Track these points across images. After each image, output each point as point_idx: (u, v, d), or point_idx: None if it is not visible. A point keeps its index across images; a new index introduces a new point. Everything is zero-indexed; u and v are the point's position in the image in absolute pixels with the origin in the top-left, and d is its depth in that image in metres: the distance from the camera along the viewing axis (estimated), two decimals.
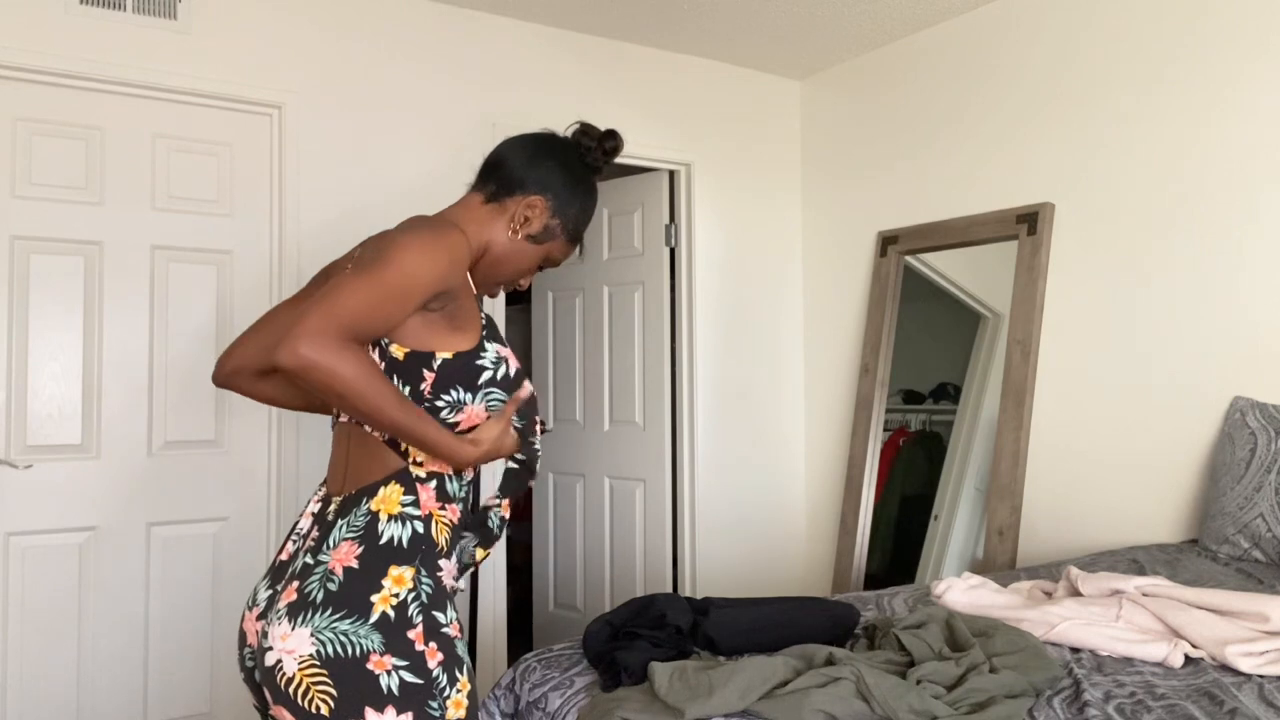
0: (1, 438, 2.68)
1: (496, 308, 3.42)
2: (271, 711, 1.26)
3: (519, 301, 5.25)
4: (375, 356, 1.33)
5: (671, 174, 3.93)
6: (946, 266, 3.52)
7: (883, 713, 1.35)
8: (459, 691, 1.26)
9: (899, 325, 3.68)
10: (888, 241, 3.71)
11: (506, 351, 1.40)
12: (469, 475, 1.39)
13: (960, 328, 3.45)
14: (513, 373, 1.39)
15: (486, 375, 1.35)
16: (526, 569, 4.76)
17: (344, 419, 1.42)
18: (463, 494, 1.37)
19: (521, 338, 5.28)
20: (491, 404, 1.36)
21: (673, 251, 3.92)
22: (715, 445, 3.90)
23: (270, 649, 1.24)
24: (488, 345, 1.36)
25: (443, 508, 1.33)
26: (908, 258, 3.65)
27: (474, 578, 3.13)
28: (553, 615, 4.30)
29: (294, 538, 1.40)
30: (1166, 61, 2.84)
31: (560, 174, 1.47)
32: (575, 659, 1.71)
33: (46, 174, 2.75)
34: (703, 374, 3.88)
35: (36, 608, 2.71)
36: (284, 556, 1.39)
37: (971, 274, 3.42)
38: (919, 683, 1.42)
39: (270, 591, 1.34)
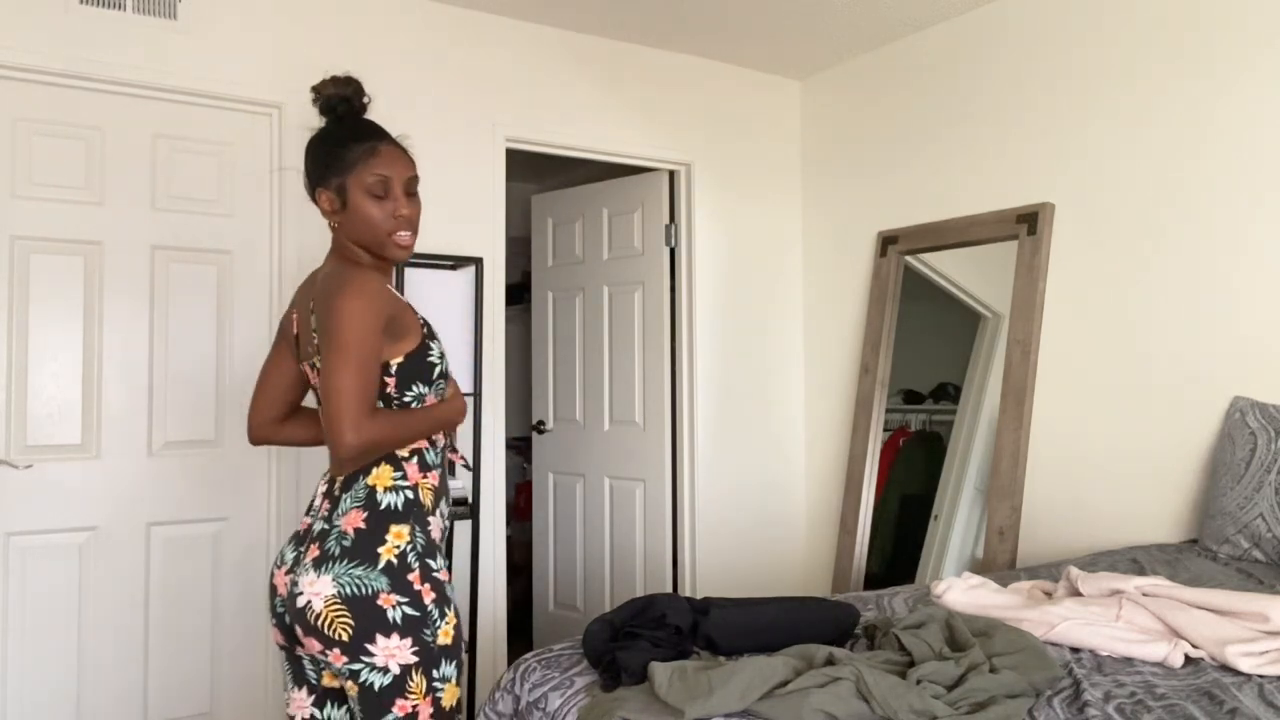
0: (1, 438, 2.68)
1: (496, 307, 3.41)
2: (302, 642, 1.57)
3: (519, 301, 5.25)
4: None
5: (671, 174, 3.93)
6: (946, 266, 3.52)
7: (883, 713, 1.35)
8: (447, 623, 1.59)
9: (899, 325, 3.68)
10: (888, 241, 3.71)
11: (445, 346, 1.76)
12: (440, 443, 1.71)
13: (960, 328, 3.45)
14: (449, 366, 1.74)
15: (438, 369, 1.68)
16: (526, 569, 4.76)
17: None
18: (439, 461, 1.71)
19: (521, 338, 5.28)
20: (439, 390, 1.70)
21: (673, 251, 3.92)
22: (715, 445, 3.90)
23: (301, 594, 1.54)
24: (432, 344, 1.67)
25: (425, 475, 1.66)
26: (908, 258, 3.65)
27: (474, 577, 3.13)
28: (553, 615, 4.30)
29: (311, 511, 1.69)
30: (1167, 61, 2.84)
31: (309, 162, 1.69)
32: (575, 659, 1.71)
33: (46, 174, 2.75)
34: (703, 374, 3.88)
35: (36, 607, 2.70)
36: (303, 527, 1.68)
37: (971, 274, 3.42)
38: (919, 683, 1.42)
39: (296, 553, 1.64)
